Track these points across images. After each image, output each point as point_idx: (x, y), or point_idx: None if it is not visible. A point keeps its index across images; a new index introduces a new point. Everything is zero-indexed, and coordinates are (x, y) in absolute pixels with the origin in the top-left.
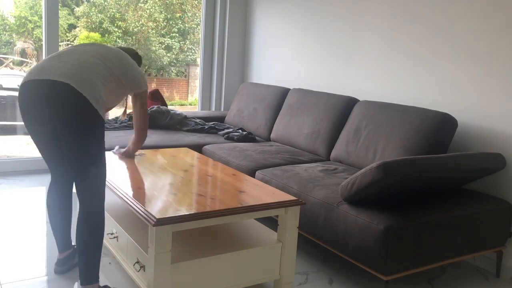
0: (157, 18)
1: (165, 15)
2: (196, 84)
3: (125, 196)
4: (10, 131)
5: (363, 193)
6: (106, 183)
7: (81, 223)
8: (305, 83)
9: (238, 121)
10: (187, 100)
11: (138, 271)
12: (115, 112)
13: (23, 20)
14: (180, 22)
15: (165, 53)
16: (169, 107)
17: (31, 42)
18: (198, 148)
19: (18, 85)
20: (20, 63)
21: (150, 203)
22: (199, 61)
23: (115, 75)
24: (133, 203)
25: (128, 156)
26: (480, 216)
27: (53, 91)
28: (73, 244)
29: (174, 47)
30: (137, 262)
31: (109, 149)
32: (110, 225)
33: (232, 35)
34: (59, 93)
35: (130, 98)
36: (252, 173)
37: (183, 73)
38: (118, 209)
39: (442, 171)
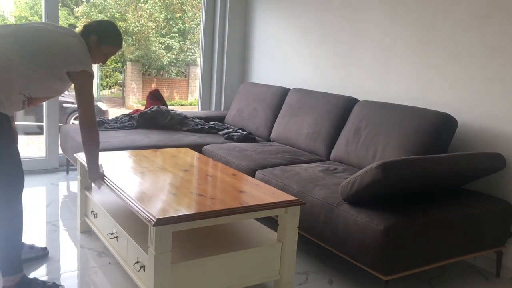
0: (157, 18)
1: (165, 15)
2: (196, 84)
3: (125, 196)
4: None
5: (363, 193)
6: (107, 182)
7: None
8: (305, 83)
9: (238, 121)
10: (187, 100)
11: (138, 271)
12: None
13: (23, 20)
14: (180, 22)
15: (165, 53)
16: (169, 107)
17: None
18: (198, 148)
19: None
20: None
21: (150, 203)
22: (199, 61)
23: (27, 59)
24: (133, 203)
25: (93, 181)
26: (480, 216)
27: None
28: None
29: (174, 47)
30: (137, 262)
31: (112, 149)
32: (110, 225)
33: (232, 35)
34: None
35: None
36: (252, 173)
37: (183, 73)
38: (118, 209)
39: (442, 171)
